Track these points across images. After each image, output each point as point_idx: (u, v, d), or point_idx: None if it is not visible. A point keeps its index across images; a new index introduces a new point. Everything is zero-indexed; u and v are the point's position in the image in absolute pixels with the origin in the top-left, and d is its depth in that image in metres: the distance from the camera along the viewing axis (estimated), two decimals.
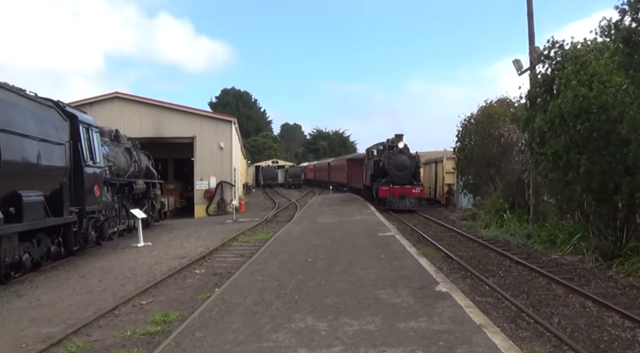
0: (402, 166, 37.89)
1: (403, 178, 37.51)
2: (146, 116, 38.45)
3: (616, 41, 14.19)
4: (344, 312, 9.73)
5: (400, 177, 37.42)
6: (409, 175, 37.96)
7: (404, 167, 37.91)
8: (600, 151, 15.40)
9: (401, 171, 37.66)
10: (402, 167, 37.86)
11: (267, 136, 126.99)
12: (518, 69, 23.84)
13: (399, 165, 37.87)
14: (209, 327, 8.95)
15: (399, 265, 14.28)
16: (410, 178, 38.03)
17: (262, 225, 29.62)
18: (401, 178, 37.43)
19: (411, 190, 37.06)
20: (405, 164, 38.12)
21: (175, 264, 16.65)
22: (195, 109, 41.02)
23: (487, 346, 7.71)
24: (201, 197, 39.01)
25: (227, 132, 39.68)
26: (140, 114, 38.37)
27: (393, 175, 37.51)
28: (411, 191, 37.04)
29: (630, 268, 14.36)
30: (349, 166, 56.86)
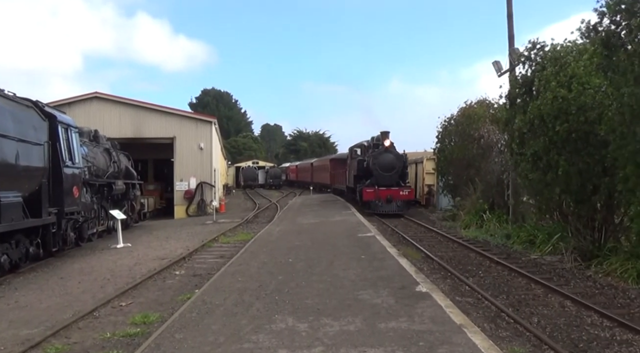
0: (389, 166, 34.64)
1: (389, 179, 34.31)
2: (126, 116, 38.23)
3: (595, 43, 14.30)
4: (325, 312, 9.72)
5: (387, 178, 34.25)
6: (396, 176, 34.78)
7: (391, 167, 34.63)
8: (579, 152, 15.51)
9: (387, 171, 34.45)
10: (389, 167, 34.60)
11: (247, 137, 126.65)
12: (498, 70, 23.95)
13: (385, 165, 34.60)
14: (189, 329, 8.90)
15: (379, 266, 14.30)
16: (398, 180, 34.92)
17: (243, 226, 29.57)
18: (387, 179, 34.23)
19: (398, 193, 33.92)
20: (392, 163, 34.77)
21: (155, 265, 16.56)
22: (175, 109, 40.88)
23: (467, 346, 7.73)
24: (181, 198, 38.87)
25: (207, 133, 39.56)
26: (119, 114, 38.14)
27: (378, 176, 34.40)
28: (398, 193, 33.91)
29: (609, 268, 14.46)
30: (333, 166, 53.83)
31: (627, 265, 13.81)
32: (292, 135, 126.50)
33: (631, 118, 12.75)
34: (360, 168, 37.25)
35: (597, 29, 13.82)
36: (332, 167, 54.43)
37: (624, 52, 13.00)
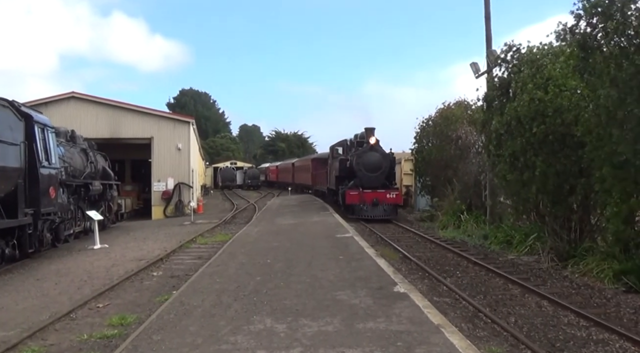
0: (374, 166, 31.88)
1: (375, 180, 31.57)
2: (103, 116, 37.98)
3: (572, 45, 14.42)
4: (303, 313, 9.71)
5: (372, 179, 31.55)
6: (382, 177, 31.98)
7: (377, 167, 31.87)
8: (555, 153, 15.63)
9: (373, 172, 31.72)
10: (374, 166, 31.84)
11: (225, 137, 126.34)
12: (475, 72, 24.08)
13: (371, 164, 31.84)
14: (167, 330, 8.86)
15: (357, 266, 14.31)
16: (384, 181, 32.15)
17: (221, 226, 29.49)
18: (373, 180, 31.51)
19: (385, 195, 31.03)
20: (378, 163, 31.95)
21: (132, 267, 16.46)
22: (153, 110, 40.67)
23: (445, 346, 7.76)
24: (159, 199, 38.67)
25: (185, 133, 39.40)
26: (97, 114, 37.89)
27: (363, 177, 31.62)
28: (385, 196, 31.02)
29: (585, 268, 14.59)
30: (315, 167, 50.22)
31: (603, 265, 13.93)
32: (270, 136, 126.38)
33: (607, 120, 12.87)
34: (342, 168, 34.04)
35: (573, 31, 13.93)
36: (313, 167, 51.04)
37: (600, 54, 13.13)
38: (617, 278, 13.13)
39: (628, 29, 12.32)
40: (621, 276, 13.03)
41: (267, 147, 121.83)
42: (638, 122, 11.88)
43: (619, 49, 12.58)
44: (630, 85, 11.88)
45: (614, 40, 12.72)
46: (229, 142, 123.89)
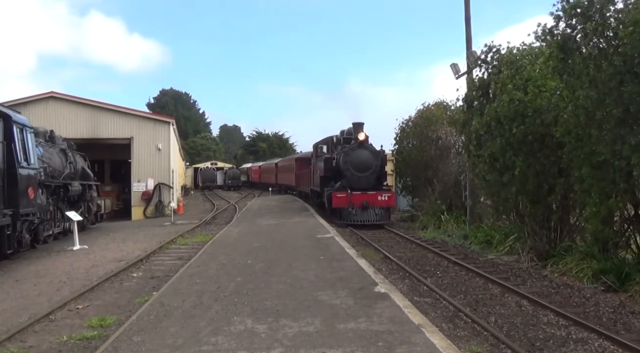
0: (364, 165, 28.80)
1: (365, 181, 28.60)
2: (82, 116, 37.73)
3: (551, 46, 14.50)
4: (284, 313, 9.70)
5: (362, 180, 28.55)
6: (372, 177, 28.97)
7: (367, 166, 28.80)
8: (535, 154, 15.72)
9: (363, 171, 28.66)
10: (364, 166, 28.78)
11: (205, 137, 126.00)
12: (455, 73, 24.18)
13: (360, 163, 28.76)
14: (147, 331, 8.81)
15: (338, 267, 14.32)
16: (375, 182, 29.17)
17: (201, 227, 29.43)
18: (363, 181, 28.54)
19: (376, 198, 27.96)
20: (368, 161, 28.89)
21: (112, 267, 16.37)
22: (133, 110, 40.50)
23: (426, 345, 7.78)
24: (139, 199, 38.49)
25: (165, 133, 39.26)
26: (76, 114, 37.64)
27: (352, 178, 28.58)
28: (376, 199, 27.94)
29: (564, 267, 14.68)
30: (299, 167, 47.08)
31: (582, 265, 14.03)
32: (251, 136, 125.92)
33: (586, 120, 12.96)
34: (328, 168, 30.95)
35: (553, 32, 14.01)
36: (297, 167, 47.86)
37: (580, 55, 13.22)
38: (596, 277, 13.23)
39: (607, 30, 12.42)
40: (600, 275, 13.13)
41: (247, 148, 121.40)
42: (617, 122, 11.97)
43: (598, 50, 12.68)
44: (609, 86, 11.97)
45: (593, 41, 12.82)
46: (209, 143, 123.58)
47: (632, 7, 11.76)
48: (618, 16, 12.30)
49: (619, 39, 11.81)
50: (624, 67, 11.43)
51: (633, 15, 11.12)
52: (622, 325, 10.24)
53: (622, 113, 11.73)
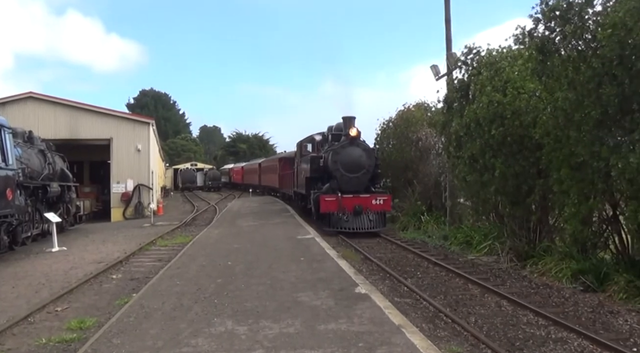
0: (356, 164, 25.71)
1: (357, 182, 25.68)
2: (61, 117, 37.51)
3: (530, 49, 14.59)
4: (264, 315, 9.68)
5: (353, 181, 25.62)
6: (365, 178, 25.93)
7: (359, 166, 25.75)
8: (514, 155, 15.80)
9: (354, 172, 25.69)
10: (356, 165, 25.71)
11: (185, 138, 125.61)
12: (435, 74, 24.28)
13: (351, 162, 25.67)
14: (127, 333, 8.76)
15: (318, 268, 14.31)
16: (368, 183, 26.21)
17: (181, 228, 29.27)
18: (354, 182, 25.62)
19: (370, 201, 25.00)
20: (360, 160, 25.78)
21: (91, 269, 16.26)
22: (112, 110, 40.26)
23: (406, 346, 7.79)
24: (118, 201, 38.30)
25: (144, 134, 39.09)
26: (55, 115, 37.40)
27: (342, 179, 25.60)
28: (370, 203, 24.98)
29: (544, 267, 14.77)
30: (282, 167, 44.15)
31: (561, 265, 14.13)
32: (231, 137, 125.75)
33: (565, 122, 13.04)
34: (314, 168, 27.71)
35: (532, 34, 14.09)
36: (281, 167, 44.90)
37: (558, 57, 13.30)
38: (575, 277, 13.32)
39: (585, 33, 12.51)
40: (579, 275, 13.23)
41: (228, 148, 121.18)
42: (595, 124, 12.06)
43: (576, 52, 12.76)
44: (587, 88, 12.05)
45: (572, 43, 12.90)
46: (189, 143, 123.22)
47: (610, 9, 11.85)
48: (596, 19, 12.39)
49: (597, 41, 11.90)
50: (603, 69, 11.52)
51: (611, 18, 11.21)
52: (600, 325, 10.31)
53: (601, 115, 11.82)
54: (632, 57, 10.80)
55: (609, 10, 11.92)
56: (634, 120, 11.19)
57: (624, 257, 13.05)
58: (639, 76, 10.69)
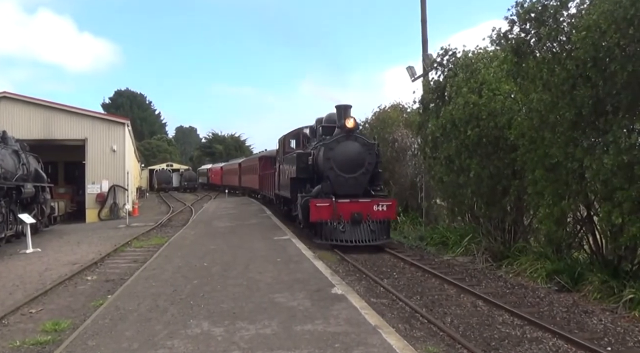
0: (353, 162, 21.47)
1: (354, 184, 21.53)
2: (36, 117, 37.05)
3: (505, 50, 14.68)
4: (241, 316, 9.66)
5: (350, 183, 21.48)
6: (364, 179, 21.74)
7: (357, 164, 21.50)
8: (489, 156, 15.90)
9: (351, 171, 21.44)
10: (353, 163, 21.46)
11: (161, 139, 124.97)
12: (411, 76, 24.36)
13: (348, 160, 21.40)
14: (102, 335, 8.69)
15: (295, 269, 14.30)
16: (367, 185, 22.00)
17: (156, 229, 29.11)
18: (351, 184, 21.48)
19: (371, 207, 20.73)
20: (359, 157, 21.53)
21: (66, 271, 16.14)
22: (87, 110, 39.81)
23: (383, 347, 7.81)
24: (93, 202, 37.95)
25: (120, 135, 38.77)
26: (29, 115, 36.95)
27: (336, 180, 21.40)
28: (371, 209, 20.69)
29: (519, 268, 14.87)
30: (262, 167, 40.34)
31: (536, 265, 14.23)
32: (207, 138, 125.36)
33: (540, 123, 13.15)
34: (301, 167, 23.36)
35: (507, 36, 14.19)
36: (261, 167, 41.20)
37: (533, 59, 13.41)
38: (550, 277, 13.43)
39: (560, 35, 12.62)
40: (553, 275, 13.33)
41: (204, 149, 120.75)
42: (569, 125, 12.17)
43: (551, 54, 12.87)
44: (562, 89, 12.16)
45: (547, 45, 13.01)
46: (165, 144, 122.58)
47: (584, 12, 11.96)
48: (571, 21, 12.51)
49: (572, 43, 12.01)
50: (577, 71, 11.63)
51: (586, 21, 11.32)
52: (575, 324, 10.40)
53: (575, 116, 11.92)
54: (606, 59, 10.90)
55: (583, 13, 12.04)
56: (608, 122, 11.30)
57: (598, 257, 13.17)
58: (612, 78, 10.79)
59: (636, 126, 11.17)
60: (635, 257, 12.24)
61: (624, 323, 10.29)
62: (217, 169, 79.30)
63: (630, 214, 10.72)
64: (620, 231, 11.46)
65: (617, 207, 10.88)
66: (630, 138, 10.76)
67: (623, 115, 11.15)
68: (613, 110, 11.29)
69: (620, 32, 10.28)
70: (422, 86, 22.79)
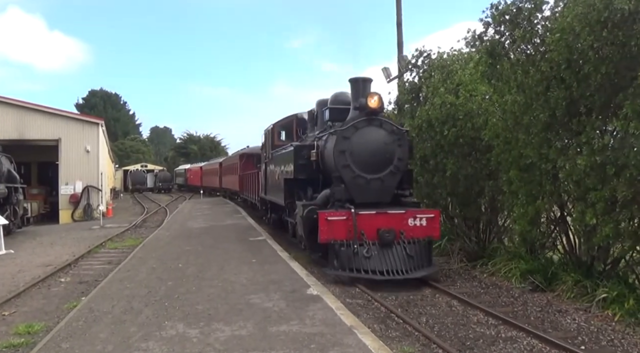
0: (380, 156, 15.55)
1: (380, 188, 15.60)
2: (8, 117, 36.56)
3: (480, 52, 14.75)
4: (216, 317, 9.63)
5: (374, 187, 15.52)
6: (393, 182, 15.79)
7: (384, 159, 15.59)
8: (465, 156, 15.97)
9: (376, 171, 15.51)
10: (380, 158, 15.57)
11: (135, 139, 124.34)
12: (387, 77, 24.41)
13: (372, 153, 15.49)
14: (76, 337, 8.62)
15: (270, 270, 14.28)
16: (393, 190, 15.90)
17: (131, 230, 28.97)
18: (376, 188, 15.54)
19: (405, 222, 14.97)
20: (387, 150, 15.55)
21: (39, 273, 16.00)
22: (61, 110, 39.38)
23: (358, 347, 7.82)
24: (66, 202, 37.59)
25: (94, 135, 38.43)
26: (1, 115, 36.50)
27: (354, 182, 15.42)
28: (405, 224, 14.95)
29: (493, 268, 14.94)
30: (244, 166, 36.41)
31: (510, 265, 14.31)
32: (182, 138, 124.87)
33: (514, 124, 13.23)
34: (300, 165, 17.17)
35: (482, 38, 14.25)
36: (242, 166, 36.86)
37: (508, 61, 13.47)
38: (524, 277, 13.50)
39: (534, 37, 12.70)
40: (528, 275, 13.40)
41: (178, 150, 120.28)
42: (543, 126, 12.25)
43: (525, 56, 12.95)
44: (536, 91, 12.24)
45: (521, 47, 13.07)
46: (139, 144, 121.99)
47: (559, 14, 12.05)
48: (545, 23, 12.59)
49: (546, 45, 12.09)
50: (551, 73, 11.72)
51: (560, 23, 11.40)
52: (549, 324, 10.48)
53: (549, 117, 12.01)
54: (580, 61, 11.00)
55: (557, 16, 12.13)
56: (581, 123, 11.39)
57: (572, 257, 13.27)
58: (586, 80, 10.89)
59: (609, 127, 11.27)
60: (608, 257, 12.36)
61: (597, 323, 10.39)
62: (196, 169, 74.21)
63: (603, 215, 10.82)
64: (593, 231, 11.56)
65: (591, 207, 10.98)
66: (603, 139, 10.84)
67: (596, 117, 11.26)
68: (586, 111, 11.40)
69: (593, 35, 10.37)
70: (397, 87, 22.84)
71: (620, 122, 10.07)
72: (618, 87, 10.42)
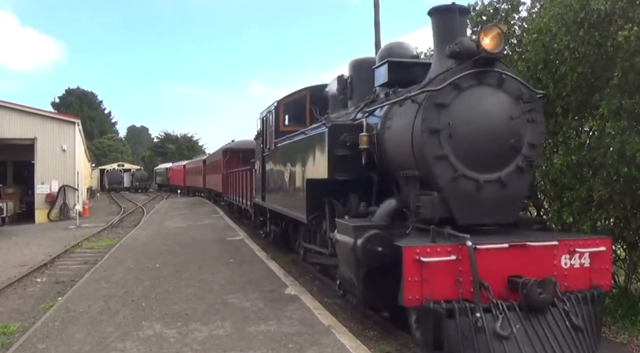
0: (500, 138, 8.17)
1: (502, 198, 8.26)
2: None
3: None
4: (193, 317, 9.61)
5: (493, 195, 8.19)
6: (523, 185, 8.50)
7: (510, 145, 8.25)
8: None
9: (493, 168, 8.23)
10: (500, 143, 8.18)
11: (112, 138, 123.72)
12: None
13: (489, 131, 8.11)
14: (52, 338, 8.56)
15: (248, 270, 14.26)
16: (522, 201, 9.13)
17: (107, 230, 28.84)
18: (495, 198, 8.22)
19: (558, 260, 7.64)
20: (512, 126, 8.21)
21: (14, 273, 15.90)
22: (36, 109, 38.99)
23: (336, 347, 7.83)
24: (42, 202, 37.25)
25: (70, 134, 38.12)
26: None
27: (455, 186, 8.06)
28: (558, 264, 7.62)
29: None
30: (228, 164, 32.15)
31: None
32: (159, 138, 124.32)
33: None
34: (339, 159, 10.13)
35: None
36: (226, 164, 32.64)
37: None
38: None
39: (511, 38, 12.78)
40: None
41: (156, 149, 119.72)
42: None
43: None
44: None
45: None
46: (116, 144, 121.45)
47: (535, 15, 12.14)
48: (522, 24, 12.69)
49: (523, 46, 12.18)
50: (528, 73, 11.78)
51: (537, 23, 11.47)
52: None
53: None
54: (556, 61, 11.07)
55: (534, 16, 12.22)
56: (558, 123, 11.47)
57: None
58: (562, 80, 10.96)
59: (585, 127, 11.36)
60: None
61: None
62: (179, 168, 68.06)
63: (580, 214, 10.90)
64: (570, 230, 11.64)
65: (567, 206, 11.06)
66: (579, 138, 10.93)
67: (573, 117, 11.33)
68: (563, 111, 11.47)
69: (570, 35, 10.44)
70: None
71: (597, 121, 10.14)
72: (594, 87, 10.49)
